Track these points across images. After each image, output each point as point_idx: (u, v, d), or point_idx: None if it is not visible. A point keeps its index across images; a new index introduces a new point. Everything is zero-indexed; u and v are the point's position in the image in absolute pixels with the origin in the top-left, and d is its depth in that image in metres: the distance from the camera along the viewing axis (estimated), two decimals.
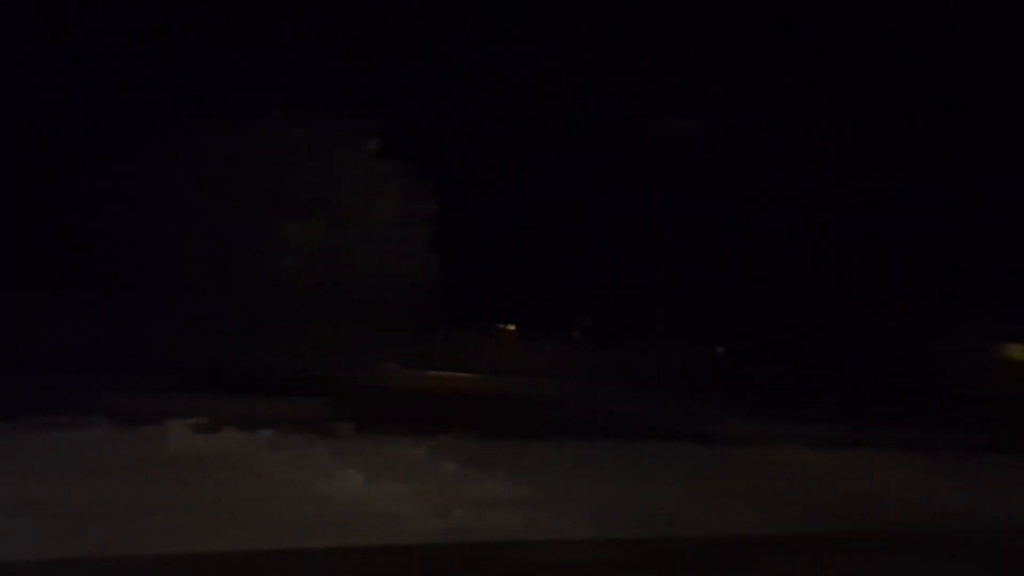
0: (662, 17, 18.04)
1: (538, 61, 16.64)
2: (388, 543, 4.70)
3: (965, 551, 5.63)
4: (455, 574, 4.44)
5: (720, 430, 10.13)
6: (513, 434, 8.43)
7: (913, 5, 20.15)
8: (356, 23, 15.22)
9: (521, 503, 5.75)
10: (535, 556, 4.70)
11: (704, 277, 20.95)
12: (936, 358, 25.20)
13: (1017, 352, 30.71)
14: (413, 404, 10.94)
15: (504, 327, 20.72)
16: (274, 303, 11.49)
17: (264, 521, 4.88)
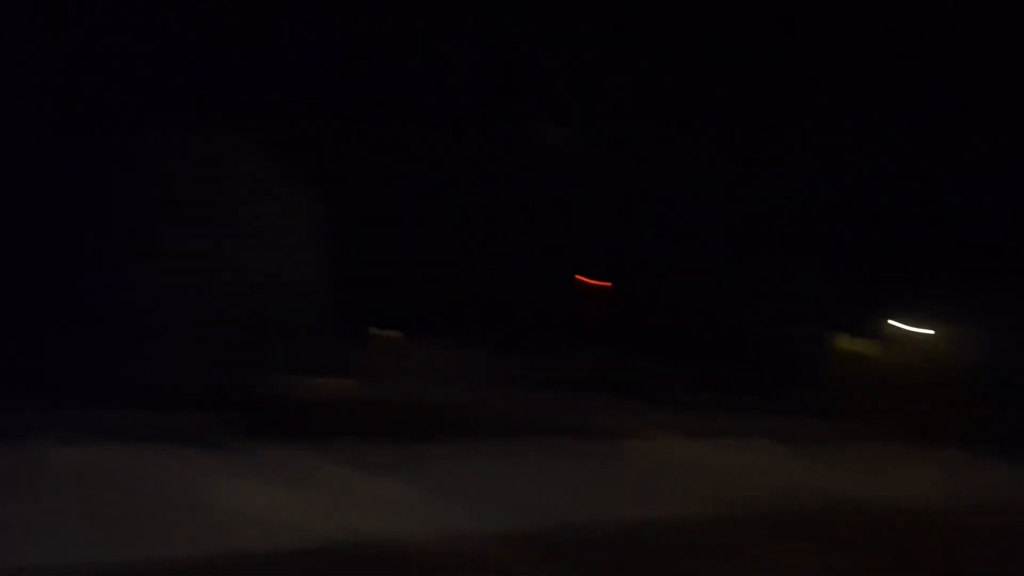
0: None
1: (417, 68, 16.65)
2: (275, 548, 4.69)
3: (833, 531, 6.17)
4: (344, 574, 4.52)
5: (603, 424, 10.50)
6: (402, 437, 8.48)
7: None
8: (237, 26, 14.91)
9: (409, 502, 5.85)
10: (421, 551, 4.82)
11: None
12: (783, 351, 26.90)
13: (848, 343, 33.15)
14: (301, 412, 10.81)
15: (391, 333, 20.64)
16: (156, 312, 11.15)
17: (142, 530, 4.76)
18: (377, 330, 20.51)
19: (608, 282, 19.68)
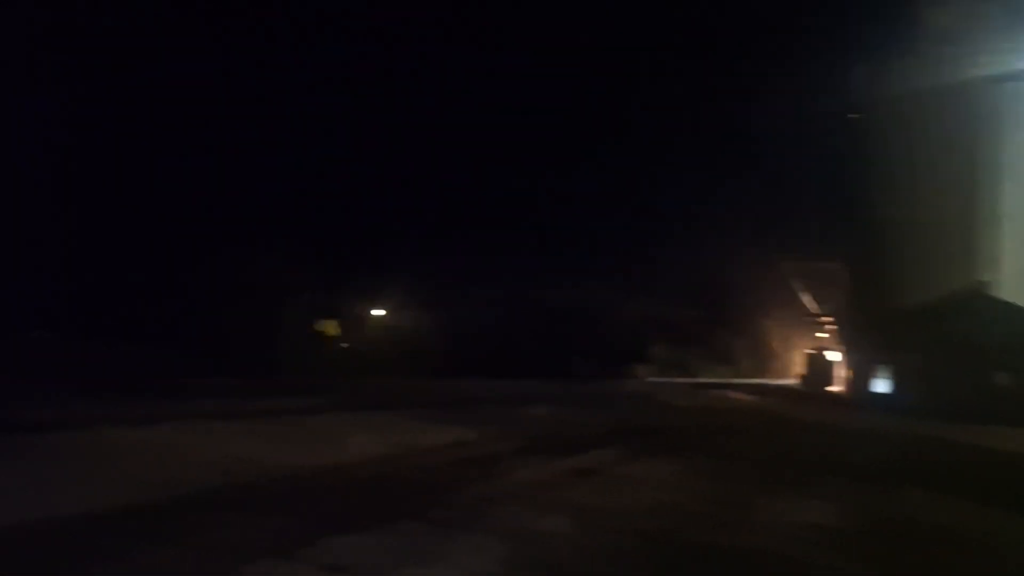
0: None
1: None
2: None
3: (263, 499, 6.70)
4: None
5: (38, 416, 9.71)
6: None
7: None
8: None
9: None
10: None
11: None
12: (268, 335, 28.01)
13: (328, 327, 36.09)
14: None
15: None
16: None
17: None
18: None
19: None
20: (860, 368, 26.07)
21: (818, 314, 36.87)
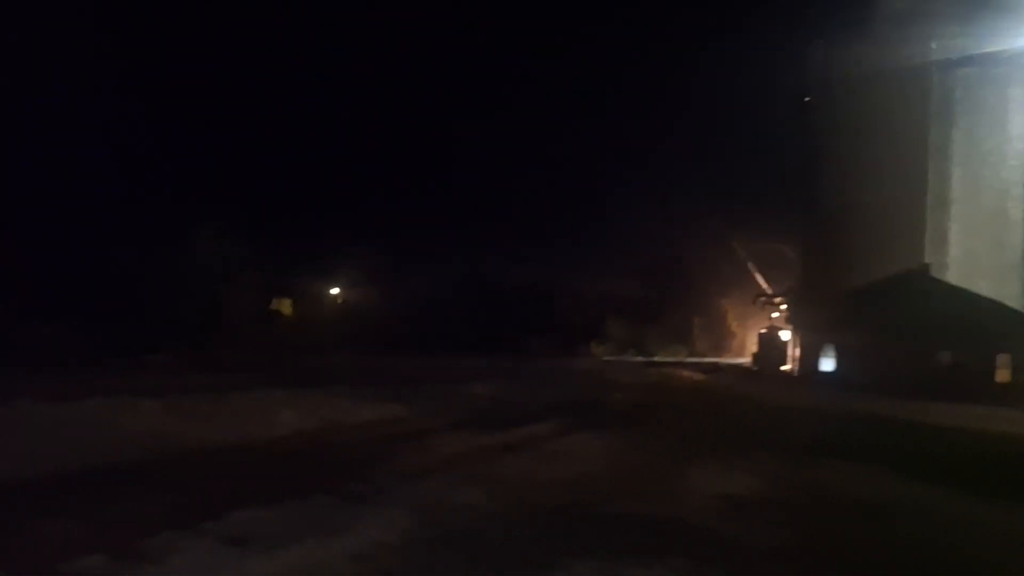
0: None
1: None
2: None
3: (177, 473, 6.62)
4: None
5: None
6: None
7: None
8: None
9: None
10: None
11: None
12: (215, 312, 27.63)
13: (283, 306, 35.91)
14: None
15: None
16: None
17: None
18: None
19: None
20: (809, 347, 26.43)
21: (771, 294, 37.29)
